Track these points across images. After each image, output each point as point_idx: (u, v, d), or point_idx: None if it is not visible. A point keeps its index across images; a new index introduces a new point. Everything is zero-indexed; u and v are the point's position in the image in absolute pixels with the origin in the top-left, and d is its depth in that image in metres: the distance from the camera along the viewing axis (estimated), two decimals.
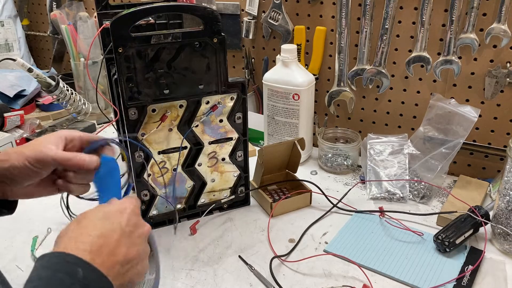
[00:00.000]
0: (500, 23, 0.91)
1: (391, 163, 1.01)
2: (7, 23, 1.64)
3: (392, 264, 0.78)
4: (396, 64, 1.05)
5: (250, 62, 1.24)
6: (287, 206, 0.93)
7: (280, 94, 1.06)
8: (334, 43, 1.10)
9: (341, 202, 0.95)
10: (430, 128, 1.00)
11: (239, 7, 1.21)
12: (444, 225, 0.84)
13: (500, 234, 0.81)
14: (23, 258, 0.82)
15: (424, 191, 0.97)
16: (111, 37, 0.74)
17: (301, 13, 1.13)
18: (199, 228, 0.89)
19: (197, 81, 0.82)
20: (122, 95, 0.78)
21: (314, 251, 0.82)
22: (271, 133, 1.13)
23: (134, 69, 0.77)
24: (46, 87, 1.17)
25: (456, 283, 0.73)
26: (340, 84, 1.13)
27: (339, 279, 0.75)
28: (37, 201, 0.98)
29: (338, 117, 1.18)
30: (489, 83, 0.96)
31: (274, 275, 0.75)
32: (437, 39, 0.99)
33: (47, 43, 1.74)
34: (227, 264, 0.79)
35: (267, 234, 0.87)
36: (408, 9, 1.00)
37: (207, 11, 0.77)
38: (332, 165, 1.09)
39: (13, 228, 0.90)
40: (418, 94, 1.06)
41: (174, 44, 0.78)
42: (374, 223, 0.89)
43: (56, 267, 0.46)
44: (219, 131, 0.87)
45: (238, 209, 0.95)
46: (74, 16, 1.39)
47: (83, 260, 0.47)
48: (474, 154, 1.04)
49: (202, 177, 0.90)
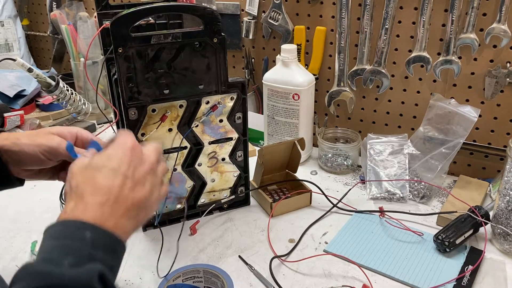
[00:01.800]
0: (500, 23, 0.91)
1: (391, 163, 1.01)
2: (7, 23, 1.64)
3: (392, 264, 0.78)
4: (396, 64, 1.05)
5: (250, 62, 1.24)
6: (287, 206, 0.93)
7: (280, 94, 1.06)
8: (334, 43, 1.10)
9: (341, 202, 0.95)
10: (430, 128, 1.00)
11: (239, 7, 1.21)
12: (444, 225, 0.84)
13: (500, 234, 0.81)
14: (23, 258, 0.82)
15: (424, 191, 0.97)
16: (111, 37, 0.74)
17: (301, 13, 1.13)
18: (199, 228, 0.89)
19: (197, 81, 0.82)
20: (122, 95, 0.78)
21: (314, 251, 0.82)
22: (271, 133, 1.13)
23: (134, 69, 0.77)
24: (46, 87, 1.18)
25: (456, 283, 0.73)
26: (340, 84, 1.13)
27: (339, 279, 0.75)
28: (37, 202, 0.99)
29: (338, 117, 1.18)
30: (489, 83, 0.96)
31: (274, 275, 0.75)
32: (437, 39, 0.99)
33: (47, 43, 1.74)
34: (227, 264, 0.79)
35: (267, 234, 0.87)
36: (408, 9, 1.00)
37: (207, 11, 0.77)
38: (332, 165, 1.09)
39: (13, 229, 0.90)
40: (418, 94, 1.06)
41: (174, 44, 0.78)
42: (374, 223, 0.89)
43: (63, 235, 0.47)
44: (219, 131, 0.87)
45: (238, 209, 0.95)
46: (74, 16, 1.39)
47: (88, 223, 0.47)
48: (474, 154, 1.04)
49: (202, 177, 0.90)
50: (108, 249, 0.48)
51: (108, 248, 0.48)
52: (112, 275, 0.46)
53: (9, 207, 0.97)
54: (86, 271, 0.44)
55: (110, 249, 0.48)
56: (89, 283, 0.43)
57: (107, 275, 0.45)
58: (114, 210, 0.50)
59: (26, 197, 1.00)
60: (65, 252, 0.45)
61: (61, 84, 1.19)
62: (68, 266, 0.44)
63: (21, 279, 0.43)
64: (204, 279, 0.74)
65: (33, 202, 0.99)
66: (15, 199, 1.00)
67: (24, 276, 0.43)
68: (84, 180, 0.52)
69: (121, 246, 0.50)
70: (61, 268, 0.43)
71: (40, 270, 0.43)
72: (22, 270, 0.44)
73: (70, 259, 0.44)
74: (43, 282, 0.42)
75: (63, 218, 0.49)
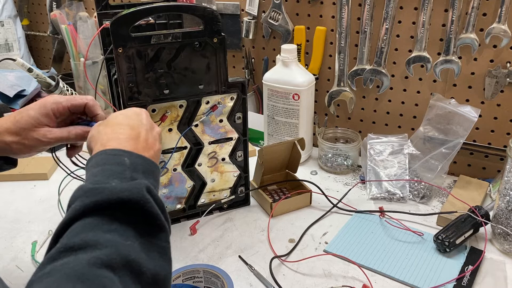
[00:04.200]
0: (500, 23, 0.91)
1: (391, 163, 1.01)
2: (7, 23, 1.63)
3: (392, 264, 0.78)
4: (396, 64, 1.05)
5: (250, 62, 1.24)
6: (287, 206, 0.93)
7: (280, 94, 1.06)
8: (334, 43, 1.10)
9: (341, 202, 0.95)
10: (430, 128, 1.00)
11: (239, 7, 1.21)
12: (444, 225, 0.84)
13: (500, 234, 0.81)
14: (23, 258, 0.82)
15: (424, 191, 0.97)
16: (111, 37, 0.74)
17: (301, 13, 1.13)
18: (199, 228, 0.89)
19: (197, 81, 0.82)
20: (122, 95, 0.78)
21: (314, 251, 0.82)
22: (271, 133, 1.13)
23: (134, 69, 0.77)
24: (46, 87, 1.18)
25: (456, 283, 0.73)
26: (340, 84, 1.13)
27: (339, 279, 0.75)
28: (37, 202, 0.99)
29: (338, 117, 1.18)
30: (489, 83, 0.96)
31: (274, 275, 0.75)
32: (437, 39, 0.99)
33: (47, 43, 1.74)
34: (227, 264, 0.79)
35: (267, 234, 0.87)
36: (408, 9, 1.00)
37: (207, 11, 0.77)
38: (332, 165, 1.09)
39: (13, 229, 0.90)
40: (418, 94, 1.06)
41: (174, 44, 0.78)
42: (374, 223, 0.89)
43: (104, 161, 0.51)
44: (219, 131, 0.87)
45: (238, 209, 0.95)
46: (74, 16, 1.39)
47: (125, 150, 0.53)
48: (474, 154, 1.03)
49: (202, 177, 0.90)
50: (147, 171, 0.52)
51: (147, 171, 0.52)
52: (155, 192, 0.50)
53: (9, 207, 0.97)
54: (135, 184, 0.47)
55: (149, 171, 0.52)
56: (141, 192, 0.46)
57: (153, 189, 0.49)
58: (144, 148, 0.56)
59: (26, 197, 1.00)
60: (110, 174, 0.49)
61: (61, 84, 1.19)
62: (116, 184, 0.47)
63: (78, 197, 0.46)
64: (204, 279, 0.74)
65: (33, 202, 0.99)
66: (15, 199, 1.00)
67: (81, 194, 0.46)
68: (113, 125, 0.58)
69: (158, 168, 0.55)
70: (111, 185, 0.47)
71: (94, 187, 0.46)
72: (77, 191, 0.47)
73: (116, 180, 0.48)
74: (99, 196, 0.45)
75: (99, 150, 0.53)
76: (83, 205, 0.44)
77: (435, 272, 0.76)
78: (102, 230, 0.43)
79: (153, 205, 0.47)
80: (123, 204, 0.45)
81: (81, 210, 0.44)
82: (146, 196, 0.46)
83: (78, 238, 0.42)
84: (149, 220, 0.47)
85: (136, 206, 0.46)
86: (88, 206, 0.44)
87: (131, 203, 0.46)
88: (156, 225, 0.47)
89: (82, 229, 0.43)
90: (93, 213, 0.44)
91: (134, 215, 0.46)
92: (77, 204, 0.45)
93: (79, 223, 0.44)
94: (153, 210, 0.47)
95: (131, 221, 0.45)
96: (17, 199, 1.00)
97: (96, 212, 0.44)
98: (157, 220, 0.47)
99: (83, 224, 0.44)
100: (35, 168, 1.05)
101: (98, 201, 0.45)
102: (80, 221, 0.44)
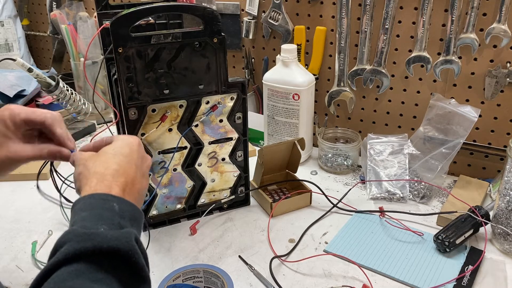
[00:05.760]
0: (500, 23, 0.91)
1: (391, 163, 1.01)
2: (7, 23, 1.63)
3: (392, 264, 0.78)
4: (396, 64, 1.05)
5: (250, 62, 1.24)
6: (287, 206, 0.93)
7: (280, 94, 1.06)
8: (334, 43, 1.10)
9: (341, 202, 0.95)
10: (430, 128, 1.00)
11: (239, 7, 1.21)
12: (444, 225, 0.84)
13: (500, 234, 0.81)
14: (23, 258, 0.82)
15: (424, 191, 0.97)
16: (111, 37, 0.74)
17: (301, 13, 1.13)
18: (199, 228, 0.89)
19: (197, 81, 0.82)
20: (122, 95, 0.78)
21: (314, 251, 0.82)
22: (271, 133, 1.13)
23: (134, 69, 0.77)
24: (46, 87, 1.17)
25: (456, 283, 0.73)
26: (340, 84, 1.13)
27: (339, 279, 0.75)
28: (37, 202, 0.99)
29: (338, 117, 1.18)
30: (489, 83, 0.96)
31: (274, 275, 0.75)
32: (437, 39, 0.99)
33: (47, 43, 1.74)
34: (227, 264, 0.79)
35: (267, 234, 0.87)
36: (408, 9, 1.00)
37: (207, 11, 0.77)
38: (332, 165, 1.09)
39: (13, 229, 0.90)
40: (418, 94, 1.06)
41: (174, 44, 0.78)
42: (374, 223, 0.89)
43: (93, 206, 0.51)
44: (219, 131, 0.87)
45: (238, 209, 0.95)
46: (74, 16, 1.39)
47: (114, 196, 0.53)
48: (474, 154, 1.03)
49: (202, 177, 0.90)
50: (133, 218, 0.53)
51: (133, 218, 0.53)
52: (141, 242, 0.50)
53: (9, 207, 0.97)
54: (125, 233, 0.48)
55: (135, 218, 0.53)
56: (130, 242, 0.47)
57: (139, 239, 0.50)
58: (131, 191, 0.56)
59: (26, 197, 1.00)
60: (99, 220, 0.49)
61: (61, 84, 1.19)
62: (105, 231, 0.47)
63: (68, 241, 0.46)
64: (204, 279, 0.74)
65: (33, 202, 0.99)
66: (15, 199, 1.00)
67: (71, 238, 0.46)
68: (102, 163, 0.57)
69: (142, 215, 0.55)
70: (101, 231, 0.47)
71: (84, 232, 0.46)
72: (67, 234, 0.47)
73: (104, 226, 0.48)
74: (90, 242, 0.45)
75: (89, 193, 0.53)
76: (72, 250, 0.44)
77: (435, 272, 0.76)
78: (89, 279, 0.43)
79: (140, 256, 0.47)
80: (112, 253, 0.46)
81: (70, 255, 0.44)
82: (135, 247, 0.47)
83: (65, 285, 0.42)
84: (134, 271, 0.47)
85: (125, 257, 0.46)
86: (78, 251, 0.44)
87: (120, 253, 0.46)
88: (140, 277, 0.47)
89: (69, 275, 0.43)
90: (81, 259, 0.44)
91: (120, 265, 0.46)
92: (66, 248, 0.45)
93: (65, 268, 0.44)
94: (140, 261, 0.47)
95: (117, 271, 0.46)
96: (17, 199, 1.00)
97: (84, 258, 0.45)
98: (142, 272, 0.47)
99: (70, 270, 0.44)
100: (35, 168, 1.05)
101: (88, 248, 0.45)
102: (67, 266, 0.44)
